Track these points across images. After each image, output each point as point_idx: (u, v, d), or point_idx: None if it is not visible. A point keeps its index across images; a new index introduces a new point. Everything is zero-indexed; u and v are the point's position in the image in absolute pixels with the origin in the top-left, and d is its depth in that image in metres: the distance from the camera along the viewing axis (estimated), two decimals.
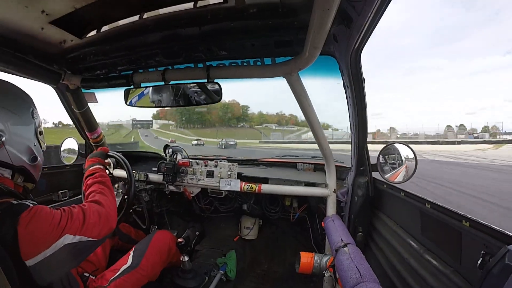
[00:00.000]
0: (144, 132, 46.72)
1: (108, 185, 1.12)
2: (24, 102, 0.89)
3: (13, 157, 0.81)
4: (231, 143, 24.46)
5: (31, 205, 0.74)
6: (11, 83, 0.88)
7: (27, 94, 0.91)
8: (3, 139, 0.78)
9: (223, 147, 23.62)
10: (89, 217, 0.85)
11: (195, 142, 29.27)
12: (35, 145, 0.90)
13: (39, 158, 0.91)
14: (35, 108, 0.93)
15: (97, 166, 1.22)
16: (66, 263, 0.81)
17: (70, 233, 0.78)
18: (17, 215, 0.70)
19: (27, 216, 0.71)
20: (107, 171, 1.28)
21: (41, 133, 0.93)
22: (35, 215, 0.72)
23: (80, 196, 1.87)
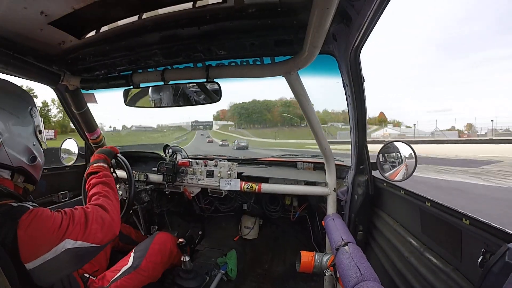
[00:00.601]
0: (200, 132, 56.48)
1: (113, 186, 1.09)
2: (22, 101, 0.87)
3: (12, 157, 0.79)
4: (243, 144, 26.63)
5: (31, 207, 0.73)
6: (9, 82, 0.86)
7: (26, 93, 0.90)
8: (1, 140, 0.76)
9: (235, 148, 25.16)
10: (91, 222, 0.83)
11: (221, 143, 35.95)
12: (34, 145, 0.88)
13: (38, 158, 0.89)
14: (35, 106, 0.91)
15: (102, 164, 1.19)
16: (67, 267, 0.79)
17: (71, 238, 0.75)
18: (17, 218, 0.68)
19: (27, 219, 0.69)
20: (111, 170, 1.26)
21: (40, 132, 0.91)
22: (35, 218, 0.71)
23: (80, 197, 1.87)
